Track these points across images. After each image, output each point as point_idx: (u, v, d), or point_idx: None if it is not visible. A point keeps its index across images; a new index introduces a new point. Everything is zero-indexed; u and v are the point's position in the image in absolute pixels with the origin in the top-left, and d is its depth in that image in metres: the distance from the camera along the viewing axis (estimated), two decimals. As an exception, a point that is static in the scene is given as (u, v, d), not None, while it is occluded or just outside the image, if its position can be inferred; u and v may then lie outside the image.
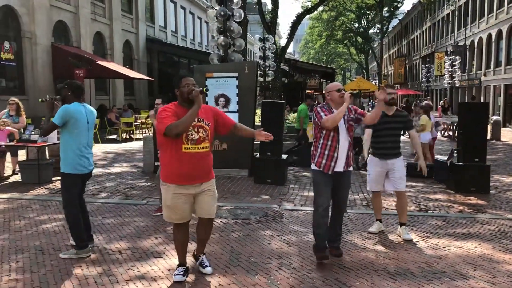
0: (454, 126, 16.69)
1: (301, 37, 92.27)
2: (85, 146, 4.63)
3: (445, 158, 8.94)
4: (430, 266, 4.42)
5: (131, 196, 7.51)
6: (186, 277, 4.03)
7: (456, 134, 13.60)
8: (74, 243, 4.62)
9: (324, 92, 4.74)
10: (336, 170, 4.38)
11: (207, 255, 4.56)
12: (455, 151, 8.31)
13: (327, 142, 4.38)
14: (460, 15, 38.38)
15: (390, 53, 73.97)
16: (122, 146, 14.96)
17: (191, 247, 4.54)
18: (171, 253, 4.73)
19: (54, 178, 8.53)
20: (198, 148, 3.76)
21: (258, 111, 12.74)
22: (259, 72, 17.72)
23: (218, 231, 5.47)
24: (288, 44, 22.92)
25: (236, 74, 9.31)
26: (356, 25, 55.99)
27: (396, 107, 5.39)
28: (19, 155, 9.64)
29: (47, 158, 9.20)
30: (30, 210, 6.46)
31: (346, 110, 4.37)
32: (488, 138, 9.23)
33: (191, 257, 4.36)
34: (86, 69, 17.04)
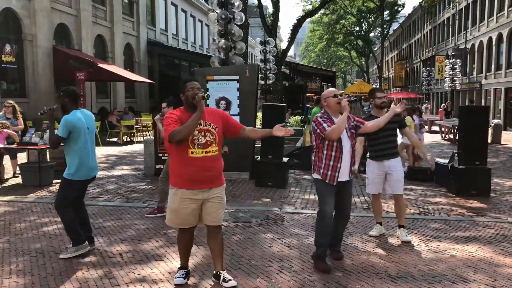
0: (455, 130, 16.69)
1: (302, 40, 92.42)
2: (89, 153, 4.69)
3: (446, 161, 8.94)
4: (431, 269, 4.42)
5: (132, 199, 7.51)
6: (187, 280, 4.02)
7: (457, 138, 13.59)
8: (72, 241, 4.63)
9: (320, 98, 4.70)
10: (340, 179, 4.35)
11: (209, 258, 4.56)
12: (456, 155, 8.31)
13: (331, 153, 4.31)
14: (460, 19, 38.42)
15: (391, 56, 74.03)
16: (123, 149, 14.97)
17: (193, 251, 4.53)
18: (172, 256, 4.73)
19: (55, 181, 8.53)
20: (205, 152, 3.72)
21: (259, 114, 12.76)
22: (260, 75, 17.74)
23: (219, 234, 5.46)
24: (289, 47, 22.96)
25: (237, 77, 9.32)
26: (357, 28, 56.05)
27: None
28: (20, 158, 9.65)
29: (48, 160, 9.21)
30: (31, 213, 6.47)
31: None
32: (488, 141, 9.23)
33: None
34: (87, 72, 17.05)
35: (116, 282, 4.06)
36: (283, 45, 32.01)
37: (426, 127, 13.16)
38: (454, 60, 31.89)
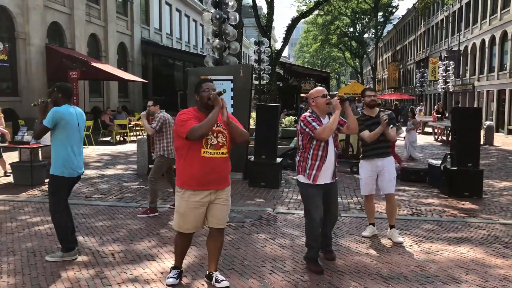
0: (448, 131, 16.78)
1: (296, 41, 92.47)
2: (75, 149, 4.59)
3: (438, 162, 8.98)
4: (423, 270, 4.43)
5: (125, 198, 7.48)
6: (180, 280, 4.01)
7: (449, 139, 13.66)
8: (61, 246, 4.58)
9: (308, 97, 4.62)
10: (324, 182, 4.31)
11: (202, 258, 4.55)
12: (449, 156, 8.35)
13: (318, 152, 4.28)
14: (454, 21, 38.61)
15: (385, 57, 74.27)
16: (116, 148, 14.91)
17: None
18: (164, 256, 4.71)
19: (47, 180, 8.44)
20: (217, 153, 3.69)
21: (253, 114, 12.75)
22: (254, 75, 17.72)
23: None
24: (283, 47, 22.96)
25: (231, 77, 9.29)
26: (351, 29, 56.17)
27: (378, 108, 5.43)
28: (12, 157, 9.56)
29: (40, 159, 9.14)
30: (22, 212, 6.42)
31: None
32: (481, 143, 9.28)
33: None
34: (80, 70, 16.95)
35: (108, 282, 4.03)
36: (278, 45, 32.01)
37: (415, 130, 13.21)
38: (447, 62, 31.98)
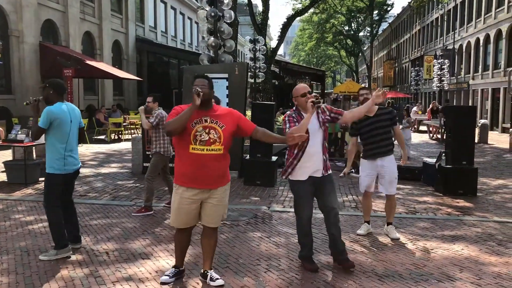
0: (443, 129, 16.83)
1: (291, 39, 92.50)
2: (70, 146, 4.57)
3: (433, 160, 9.01)
4: (417, 268, 4.44)
5: (119, 197, 7.45)
6: (175, 279, 3.99)
7: (444, 137, 13.70)
8: (54, 244, 4.55)
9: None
10: (305, 178, 4.24)
11: (196, 256, 4.54)
12: (443, 154, 8.38)
13: (294, 151, 4.24)
14: (449, 19, 38.73)
15: (380, 56, 74.39)
16: (111, 147, 14.85)
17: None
18: (159, 254, 4.70)
19: (41, 179, 8.42)
20: (206, 149, 3.66)
21: (248, 113, 12.74)
22: (250, 73, 17.71)
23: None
24: (278, 46, 22.98)
25: (226, 75, 9.27)
26: (346, 27, 56.25)
27: (378, 106, 5.37)
28: (5, 155, 9.50)
29: (34, 158, 9.09)
30: (16, 211, 6.38)
31: (320, 111, 4.25)
32: (475, 141, 9.32)
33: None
34: (74, 68, 16.87)
35: (102, 281, 4.01)
36: (273, 43, 32.06)
37: (410, 129, 13.20)
38: (442, 60, 32.07)
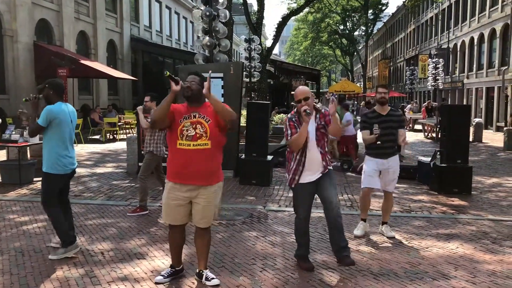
0: (438, 128, 16.89)
1: (286, 38, 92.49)
2: (68, 146, 4.60)
3: (428, 159, 9.04)
4: (412, 267, 4.46)
5: (114, 197, 7.43)
6: (170, 279, 3.98)
7: (439, 136, 13.76)
8: (61, 242, 4.56)
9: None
10: (309, 180, 4.26)
11: (192, 256, 4.53)
12: (438, 153, 8.41)
13: (297, 156, 4.26)
14: (443, 19, 38.84)
15: (375, 55, 74.54)
16: (106, 147, 14.80)
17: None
18: (154, 254, 4.69)
19: (35, 179, 8.38)
20: (193, 145, 3.66)
21: (244, 112, 12.74)
22: (245, 73, 17.69)
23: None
24: (273, 45, 22.95)
25: (221, 75, 9.26)
26: (341, 27, 56.36)
27: (390, 107, 5.43)
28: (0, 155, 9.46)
29: (29, 158, 9.04)
30: (10, 211, 6.34)
31: (318, 116, 4.25)
32: (470, 140, 9.36)
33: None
34: (69, 68, 16.78)
35: (97, 281, 4.00)
36: (268, 43, 31.97)
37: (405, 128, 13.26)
38: (437, 59, 32.13)
